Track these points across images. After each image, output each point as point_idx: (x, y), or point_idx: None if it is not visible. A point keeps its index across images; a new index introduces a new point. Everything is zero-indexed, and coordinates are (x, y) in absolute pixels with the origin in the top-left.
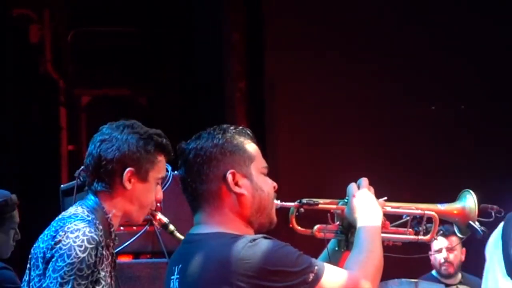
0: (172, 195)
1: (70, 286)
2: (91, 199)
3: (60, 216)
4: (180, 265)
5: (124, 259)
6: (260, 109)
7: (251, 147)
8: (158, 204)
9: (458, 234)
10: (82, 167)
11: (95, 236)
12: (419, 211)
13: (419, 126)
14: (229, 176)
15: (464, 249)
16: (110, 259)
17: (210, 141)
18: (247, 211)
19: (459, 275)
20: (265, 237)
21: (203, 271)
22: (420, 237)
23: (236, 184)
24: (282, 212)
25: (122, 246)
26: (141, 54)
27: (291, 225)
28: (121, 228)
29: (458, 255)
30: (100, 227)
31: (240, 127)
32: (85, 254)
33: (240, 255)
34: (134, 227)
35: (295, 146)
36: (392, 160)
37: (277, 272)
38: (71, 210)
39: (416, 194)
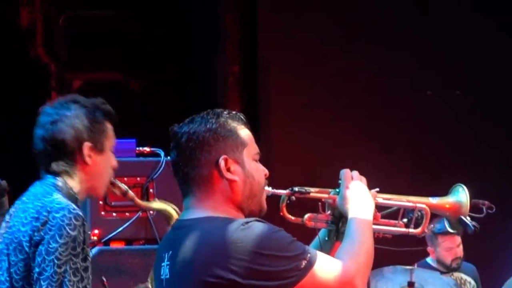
0: (164, 180)
1: (68, 266)
2: (51, 181)
3: (27, 198)
4: (171, 252)
5: (116, 246)
6: (254, 94)
7: (244, 132)
8: (151, 190)
9: (449, 229)
10: None
11: (79, 212)
12: (410, 204)
13: (414, 112)
14: (222, 162)
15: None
16: None
17: (203, 125)
18: (238, 197)
19: None
20: (258, 221)
21: (195, 255)
22: (411, 230)
23: (228, 170)
24: (274, 200)
25: (114, 233)
26: (134, 39)
27: (281, 213)
28: (113, 214)
29: (461, 247)
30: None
31: (234, 112)
32: (75, 232)
33: (232, 238)
34: (127, 213)
35: (289, 132)
36: (387, 146)
37: (269, 256)
38: (40, 190)
39: (410, 181)
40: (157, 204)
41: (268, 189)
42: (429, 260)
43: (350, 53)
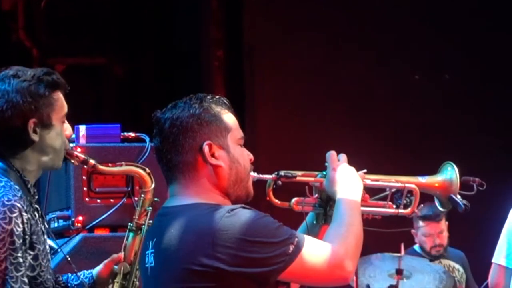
0: (149, 166)
1: (8, 262)
2: None
3: None
4: (155, 239)
5: (100, 233)
6: (239, 79)
7: (228, 117)
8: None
9: (439, 208)
10: None
11: (15, 203)
12: (399, 184)
13: (402, 95)
14: (206, 147)
15: (447, 222)
16: (35, 213)
17: (186, 111)
18: (224, 183)
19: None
20: (243, 207)
21: (180, 243)
22: (401, 210)
23: (213, 155)
24: (260, 185)
25: (98, 220)
26: (117, 22)
27: (268, 198)
28: (98, 200)
29: (446, 234)
30: (17, 187)
31: (217, 96)
32: (11, 226)
33: (218, 225)
34: (111, 200)
35: (275, 117)
36: (374, 130)
37: (256, 243)
38: None
39: (397, 165)
40: (123, 168)
41: (254, 174)
42: (416, 247)
43: (336, 37)
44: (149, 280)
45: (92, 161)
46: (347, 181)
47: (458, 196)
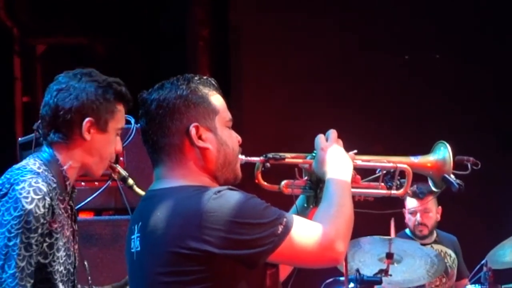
0: (135, 148)
1: (18, 240)
2: (45, 151)
3: (10, 169)
4: (140, 223)
5: (85, 216)
6: (224, 59)
7: (216, 99)
8: (121, 158)
9: (433, 188)
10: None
11: (42, 187)
12: (391, 165)
13: (392, 76)
14: (192, 130)
15: (440, 207)
16: (68, 212)
17: (173, 92)
18: (212, 166)
19: (434, 234)
20: (230, 189)
21: (167, 227)
22: (393, 191)
23: (200, 138)
24: (249, 168)
25: (83, 203)
26: (99, 1)
27: (256, 181)
28: (82, 183)
29: (433, 215)
30: (54, 179)
31: (205, 77)
32: (32, 206)
33: (205, 207)
34: (96, 183)
35: (261, 98)
36: (363, 111)
37: (244, 224)
38: (22, 162)
39: (387, 146)
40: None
41: (242, 157)
42: (407, 231)
43: (326, 18)
44: (135, 264)
45: (131, 181)
46: (336, 161)
47: (452, 176)
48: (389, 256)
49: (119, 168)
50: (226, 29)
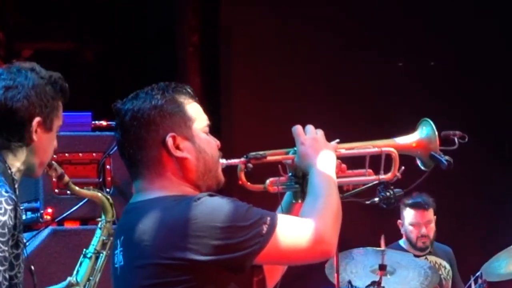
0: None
1: None
2: None
3: None
4: (122, 237)
5: (70, 226)
6: (214, 65)
7: (192, 107)
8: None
9: (422, 167)
10: None
11: (12, 195)
12: (376, 149)
13: (384, 83)
14: (169, 140)
15: (435, 217)
16: None
17: (148, 102)
18: (193, 175)
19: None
20: (210, 195)
21: (149, 239)
22: (381, 176)
23: (177, 147)
24: (233, 171)
25: (68, 212)
26: (87, 5)
27: (240, 182)
28: (68, 192)
29: (433, 226)
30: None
31: (180, 85)
32: (5, 217)
33: (186, 216)
34: None
35: (251, 103)
36: (356, 118)
37: (227, 228)
38: None
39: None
40: (90, 192)
41: (222, 161)
42: (401, 242)
43: (317, 22)
44: (119, 280)
45: (67, 179)
46: (317, 152)
47: (440, 153)
48: (382, 267)
49: (55, 165)
50: (217, 34)
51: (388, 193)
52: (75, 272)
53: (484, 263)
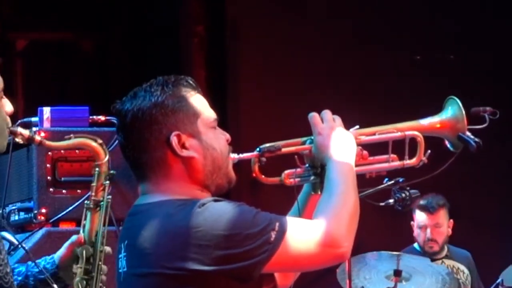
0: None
1: None
2: None
3: None
4: (126, 241)
5: (65, 227)
6: (221, 57)
7: (195, 99)
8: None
9: (451, 149)
10: (19, 121)
11: None
12: (399, 134)
13: (398, 78)
14: (174, 139)
15: (451, 221)
16: None
17: (147, 100)
18: (201, 175)
19: (445, 249)
20: (215, 200)
21: (151, 247)
22: (406, 161)
23: (183, 146)
24: (241, 164)
25: (63, 212)
26: None
27: (254, 175)
28: (63, 191)
29: (444, 230)
30: None
31: (181, 77)
32: None
33: (190, 223)
34: (78, 191)
35: (258, 95)
36: (368, 111)
37: (233, 237)
38: None
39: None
40: (72, 141)
41: (234, 155)
42: (416, 246)
43: (327, 12)
44: (122, 286)
45: (38, 138)
46: (336, 143)
47: (468, 133)
48: (397, 273)
49: (20, 129)
50: (223, 24)
51: (403, 194)
52: (81, 227)
53: (505, 268)
